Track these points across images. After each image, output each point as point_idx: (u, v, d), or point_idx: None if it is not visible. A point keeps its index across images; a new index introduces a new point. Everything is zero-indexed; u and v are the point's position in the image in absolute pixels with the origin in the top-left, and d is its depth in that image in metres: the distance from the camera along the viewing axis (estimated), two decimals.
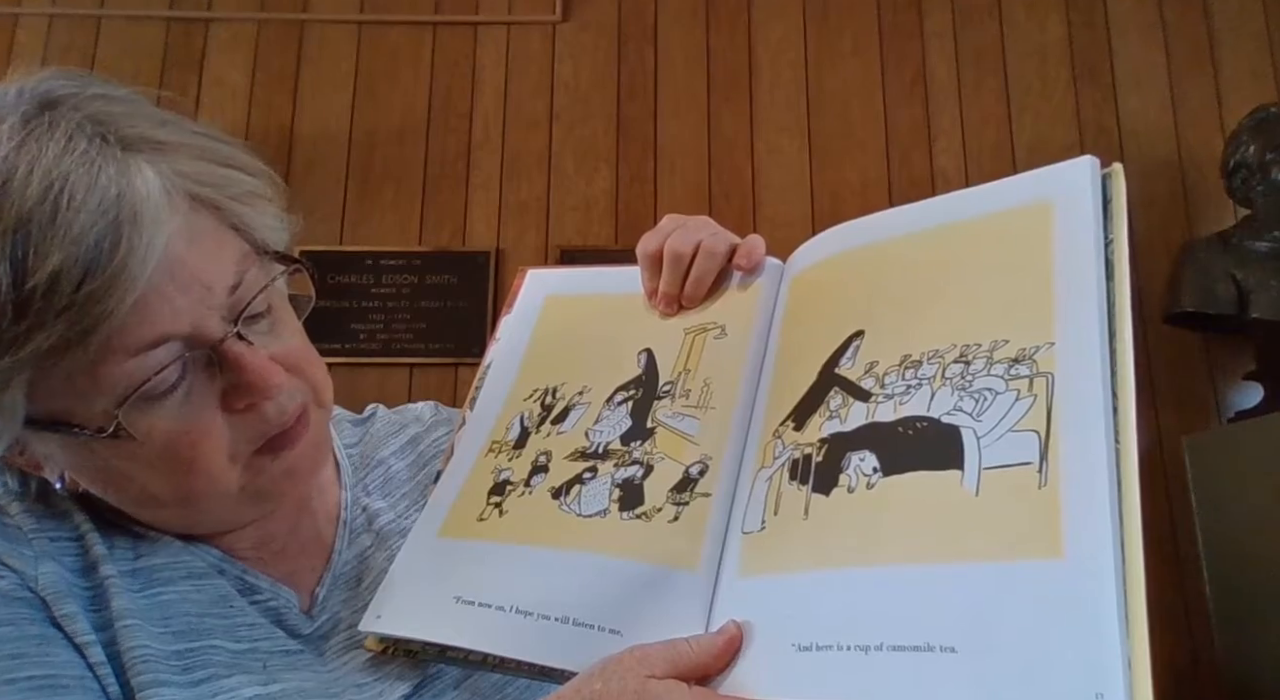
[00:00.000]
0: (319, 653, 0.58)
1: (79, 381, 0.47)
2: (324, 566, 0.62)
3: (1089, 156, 0.49)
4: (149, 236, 0.46)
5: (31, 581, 0.51)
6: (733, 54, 2.38)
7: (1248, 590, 1.80)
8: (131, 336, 0.47)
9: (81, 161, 0.46)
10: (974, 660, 0.38)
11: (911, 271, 0.53)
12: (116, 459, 0.51)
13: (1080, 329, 0.44)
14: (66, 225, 0.44)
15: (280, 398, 0.53)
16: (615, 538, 0.52)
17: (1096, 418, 0.41)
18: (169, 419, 0.50)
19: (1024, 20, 2.38)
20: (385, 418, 0.75)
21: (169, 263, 0.48)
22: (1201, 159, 2.25)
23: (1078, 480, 0.40)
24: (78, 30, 2.37)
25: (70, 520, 0.55)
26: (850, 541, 0.45)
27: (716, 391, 0.58)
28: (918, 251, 0.54)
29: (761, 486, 0.52)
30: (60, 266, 0.43)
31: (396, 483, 0.69)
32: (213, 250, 0.51)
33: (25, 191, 0.44)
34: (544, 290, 0.70)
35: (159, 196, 0.47)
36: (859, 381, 0.51)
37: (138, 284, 0.45)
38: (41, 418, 0.49)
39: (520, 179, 2.31)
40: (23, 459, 0.54)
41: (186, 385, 0.50)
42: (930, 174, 2.30)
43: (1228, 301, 1.97)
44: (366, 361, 2.19)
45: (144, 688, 0.50)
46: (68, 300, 0.44)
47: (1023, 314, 0.46)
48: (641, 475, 0.55)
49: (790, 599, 0.46)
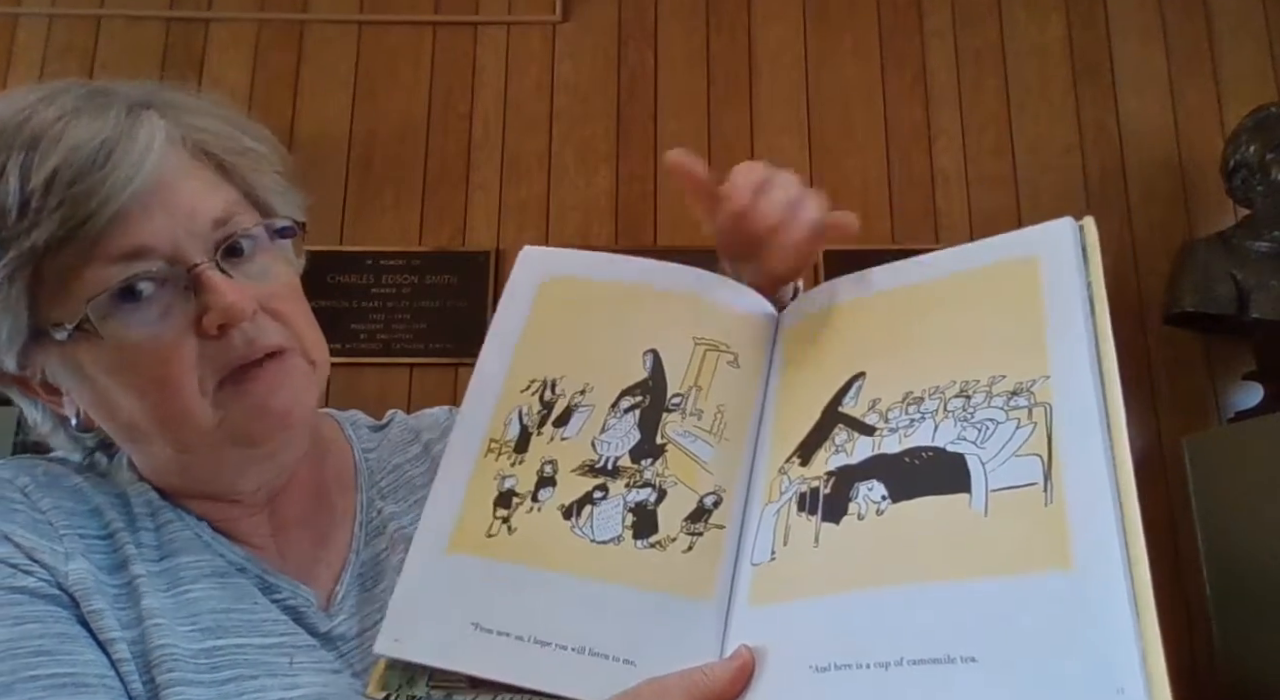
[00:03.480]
0: (339, 654, 0.59)
1: (69, 286, 0.52)
2: (341, 566, 0.63)
3: (1067, 218, 0.54)
4: (137, 157, 0.52)
5: (62, 577, 0.52)
6: (733, 54, 2.38)
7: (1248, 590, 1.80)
8: (113, 243, 0.52)
9: (97, 105, 0.54)
10: (996, 668, 0.40)
11: (908, 319, 0.57)
12: (100, 373, 0.54)
13: (1073, 362, 0.48)
14: (68, 140, 0.51)
15: (250, 329, 0.55)
16: (630, 567, 0.52)
17: (1094, 439, 0.44)
18: (142, 329, 0.53)
19: (1024, 20, 2.38)
20: (402, 423, 0.75)
21: (156, 186, 0.53)
22: (1201, 159, 2.25)
23: (1082, 497, 0.43)
24: (78, 30, 2.37)
25: (102, 517, 0.56)
26: (863, 564, 0.47)
27: (731, 422, 0.58)
28: (911, 302, 0.57)
29: (770, 520, 0.52)
30: (56, 168, 0.50)
31: (412, 488, 0.70)
32: (203, 189, 0.56)
33: (44, 117, 0.52)
34: (541, 270, 0.67)
35: (159, 136, 0.54)
36: (863, 418, 0.53)
37: (121, 193, 0.51)
38: (41, 326, 0.53)
39: (520, 179, 2.31)
40: (45, 390, 0.57)
41: (164, 303, 0.53)
42: (930, 174, 2.30)
43: (1228, 301, 1.97)
44: (366, 362, 2.19)
45: (168, 685, 0.50)
46: (61, 197, 0.50)
47: (1018, 351, 0.50)
48: (654, 500, 0.55)
49: (805, 623, 0.47)
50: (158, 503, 0.59)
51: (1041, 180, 2.28)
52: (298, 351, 0.58)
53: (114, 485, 0.59)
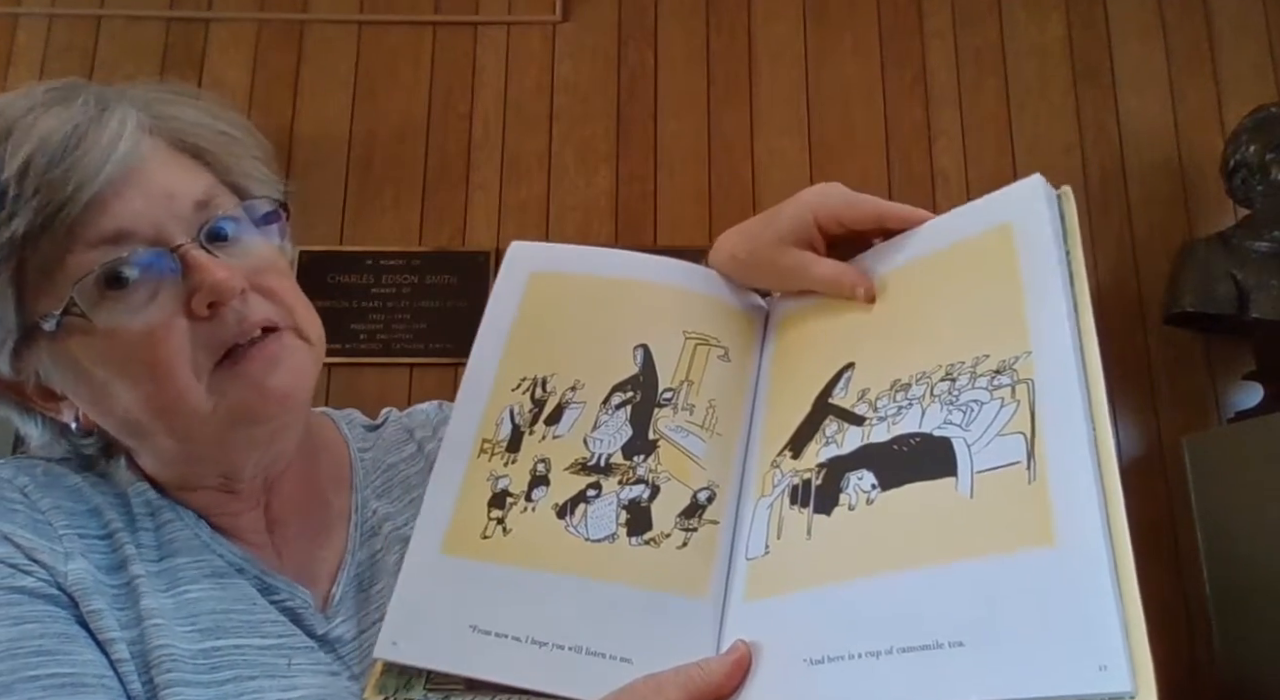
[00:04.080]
0: (337, 656, 0.59)
1: (54, 276, 0.52)
2: (337, 566, 0.63)
3: (1037, 175, 0.53)
4: (108, 141, 0.52)
5: (61, 577, 0.52)
6: (733, 54, 2.38)
7: (1248, 590, 1.80)
8: (92, 228, 0.52)
9: (66, 97, 0.54)
10: (982, 650, 0.40)
11: (893, 304, 0.57)
12: (94, 365, 0.54)
13: (1053, 335, 0.47)
14: (39, 129, 0.52)
15: (241, 306, 0.54)
16: (625, 565, 0.52)
17: (1076, 413, 0.44)
18: (132, 316, 0.52)
19: (1024, 20, 2.38)
20: (396, 422, 0.76)
21: (132, 171, 0.53)
22: (1201, 159, 2.25)
23: (1064, 472, 0.43)
24: (78, 30, 2.37)
25: (101, 517, 0.56)
26: (855, 554, 0.47)
27: (722, 418, 0.58)
28: (894, 286, 0.57)
29: (763, 514, 0.53)
30: (30, 156, 0.51)
31: (406, 487, 0.70)
32: (180, 174, 0.56)
33: (16, 110, 0.53)
34: (529, 265, 0.67)
35: (130, 123, 0.54)
36: (852, 408, 0.53)
37: (95, 177, 0.51)
38: (29, 321, 0.53)
39: (520, 179, 2.31)
40: (40, 396, 0.57)
41: (151, 287, 0.53)
42: (930, 174, 2.30)
43: (1228, 301, 1.97)
44: (366, 361, 2.19)
45: (167, 686, 0.50)
46: (36, 184, 0.50)
47: (999, 328, 0.50)
48: (648, 496, 0.55)
49: (798, 615, 0.47)
50: (157, 501, 0.59)
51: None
52: (291, 328, 0.57)
53: (113, 485, 0.59)
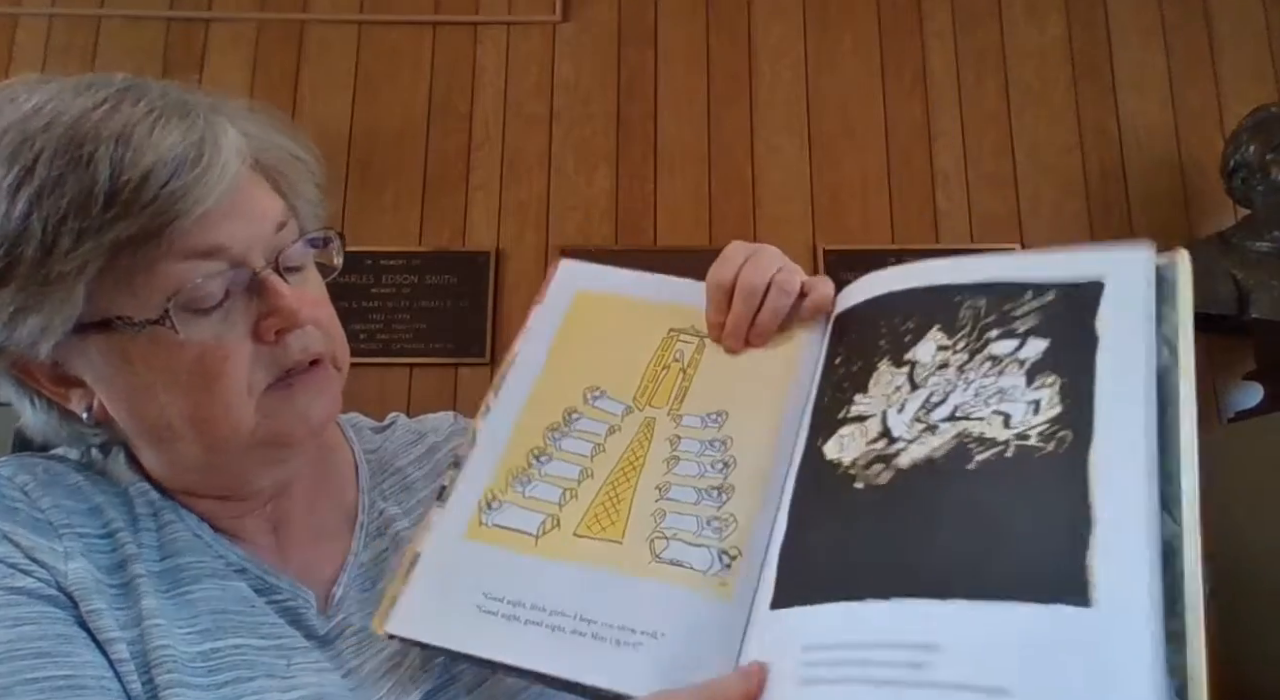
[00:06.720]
0: (335, 654, 0.59)
1: (137, 279, 0.52)
2: (340, 566, 0.63)
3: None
4: (225, 161, 0.54)
5: (61, 577, 0.51)
6: (733, 54, 2.38)
7: (1248, 590, 1.80)
8: (192, 240, 0.53)
9: (181, 107, 0.55)
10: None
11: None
12: (148, 368, 0.54)
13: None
14: (161, 139, 0.52)
15: (304, 335, 0.57)
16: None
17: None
18: (206, 332, 0.53)
19: (1024, 20, 2.38)
20: (405, 426, 0.76)
21: (235, 191, 0.55)
22: (1201, 159, 2.25)
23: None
24: (78, 30, 2.37)
25: (102, 516, 0.56)
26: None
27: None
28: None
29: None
30: (152, 167, 0.51)
31: (412, 491, 0.70)
32: (263, 196, 0.58)
33: (131, 113, 0.53)
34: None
35: (238, 144, 0.56)
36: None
37: (211, 195, 0.52)
38: (92, 319, 0.53)
39: (520, 179, 2.31)
40: (54, 384, 0.56)
41: (227, 307, 0.54)
42: (930, 174, 2.30)
43: (1228, 301, 1.97)
44: (366, 362, 2.19)
45: (167, 686, 0.50)
46: (153, 195, 0.51)
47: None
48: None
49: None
50: (159, 502, 0.59)
51: (1041, 180, 2.28)
52: (331, 359, 0.59)
53: (113, 483, 0.59)
